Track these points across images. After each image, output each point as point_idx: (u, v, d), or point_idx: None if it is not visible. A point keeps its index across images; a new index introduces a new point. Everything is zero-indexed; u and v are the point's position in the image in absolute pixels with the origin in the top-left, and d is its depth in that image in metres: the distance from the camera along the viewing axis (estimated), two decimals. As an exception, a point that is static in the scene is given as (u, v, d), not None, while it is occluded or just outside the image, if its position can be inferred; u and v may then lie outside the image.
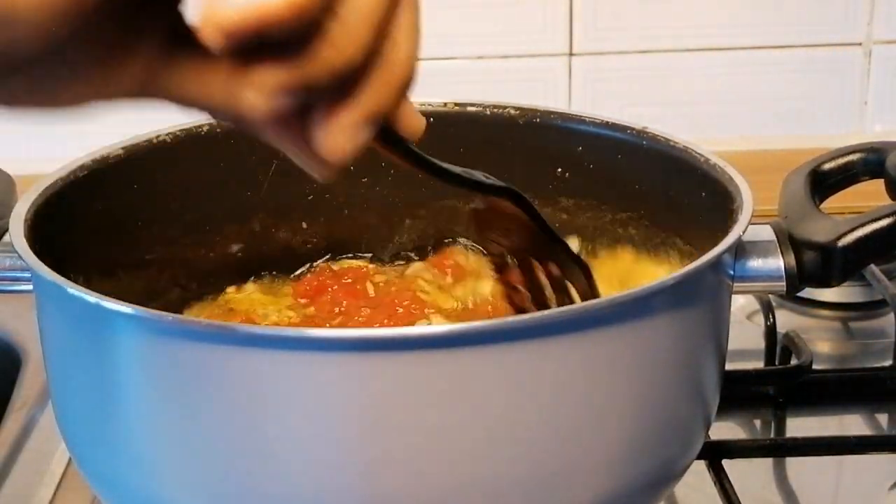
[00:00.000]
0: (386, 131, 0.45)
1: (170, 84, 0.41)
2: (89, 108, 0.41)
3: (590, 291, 0.61)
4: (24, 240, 0.52)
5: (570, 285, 0.61)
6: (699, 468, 0.64)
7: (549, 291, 0.62)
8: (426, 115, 0.68)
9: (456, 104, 0.69)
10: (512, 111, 0.69)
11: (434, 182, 0.52)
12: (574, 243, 0.69)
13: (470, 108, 0.69)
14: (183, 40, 0.40)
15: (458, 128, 0.69)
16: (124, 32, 0.40)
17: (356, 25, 0.40)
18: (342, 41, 0.39)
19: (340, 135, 0.42)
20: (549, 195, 0.69)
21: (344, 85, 0.41)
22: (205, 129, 0.66)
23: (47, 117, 0.41)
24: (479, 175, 0.56)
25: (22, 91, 0.40)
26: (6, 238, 0.53)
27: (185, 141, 0.65)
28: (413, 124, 0.47)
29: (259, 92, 0.40)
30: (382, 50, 0.41)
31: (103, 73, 0.40)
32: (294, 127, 0.42)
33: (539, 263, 0.62)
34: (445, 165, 0.52)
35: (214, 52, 0.38)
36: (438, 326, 0.46)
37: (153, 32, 0.40)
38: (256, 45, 0.38)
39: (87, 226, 0.61)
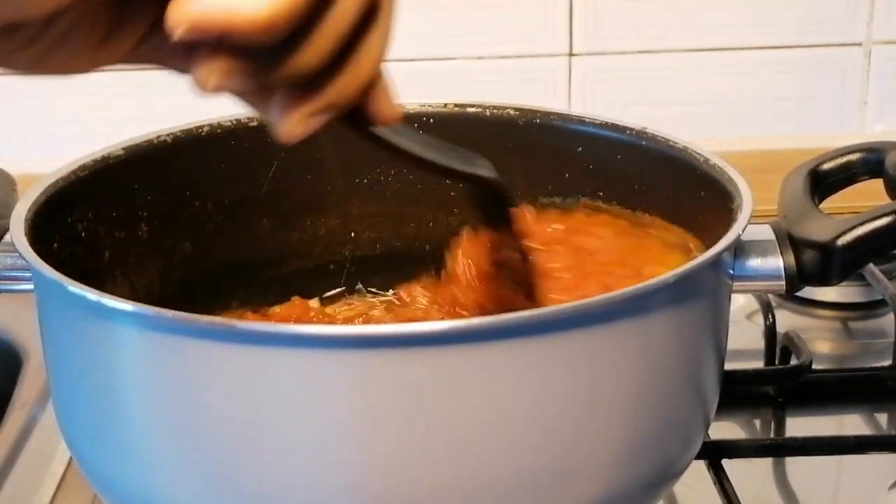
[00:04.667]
0: (353, 116, 0.45)
1: (148, 51, 0.44)
2: (81, 71, 0.43)
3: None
4: (25, 239, 0.52)
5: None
6: (699, 468, 0.64)
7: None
8: (426, 115, 0.70)
9: (456, 104, 0.69)
10: (512, 111, 0.69)
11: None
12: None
13: (470, 109, 0.69)
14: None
15: (458, 128, 0.69)
16: (118, 15, 0.42)
17: (331, 37, 0.41)
18: (313, 51, 0.41)
19: (296, 122, 0.43)
20: (549, 195, 0.69)
21: (306, 81, 0.42)
22: (205, 129, 0.66)
23: (39, 76, 0.43)
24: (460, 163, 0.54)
25: (14, 52, 0.42)
26: (7, 237, 0.53)
27: (185, 141, 0.65)
28: (383, 111, 0.47)
29: (211, 75, 0.40)
30: (352, 53, 0.42)
31: (96, 46, 0.43)
32: (253, 95, 0.44)
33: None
34: (422, 154, 0.51)
35: (172, 38, 0.39)
36: (437, 323, 0.46)
37: (143, 13, 0.43)
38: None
39: (88, 225, 0.61)
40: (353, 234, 0.72)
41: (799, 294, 0.82)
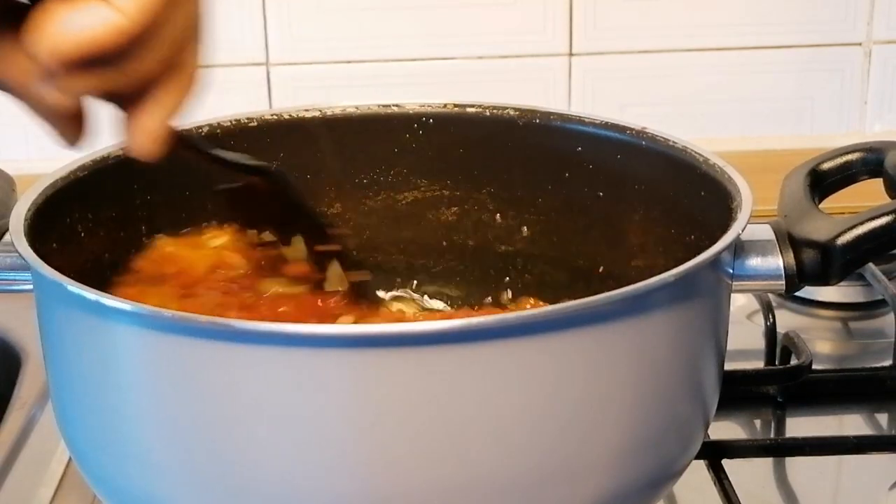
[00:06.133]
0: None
1: None
2: None
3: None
4: (25, 239, 0.52)
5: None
6: (699, 468, 0.64)
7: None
8: (426, 115, 0.70)
9: (456, 104, 0.69)
10: (512, 111, 0.69)
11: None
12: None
13: (470, 109, 0.69)
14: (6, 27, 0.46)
15: (458, 128, 0.69)
16: None
17: (162, 49, 0.47)
18: (150, 59, 0.47)
19: (147, 136, 0.50)
20: (549, 195, 0.69)
21: (141, 91, 0.48)
22: (205, 129, 0.66)
23: None
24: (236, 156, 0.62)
25: None
26: (6, 237, 0.53)
27: (185, 141, 0.65)
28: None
29: (65, 93, 0.46)
30: (177, 65, 0.49)
31: None
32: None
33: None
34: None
35: (45, 72, 0.45)
36: (436, 322, 0.46)
37: None
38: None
39: (87, 225, 0.61)
40: (352, 235, 0.72)
41: (799, 294, 0.82)
